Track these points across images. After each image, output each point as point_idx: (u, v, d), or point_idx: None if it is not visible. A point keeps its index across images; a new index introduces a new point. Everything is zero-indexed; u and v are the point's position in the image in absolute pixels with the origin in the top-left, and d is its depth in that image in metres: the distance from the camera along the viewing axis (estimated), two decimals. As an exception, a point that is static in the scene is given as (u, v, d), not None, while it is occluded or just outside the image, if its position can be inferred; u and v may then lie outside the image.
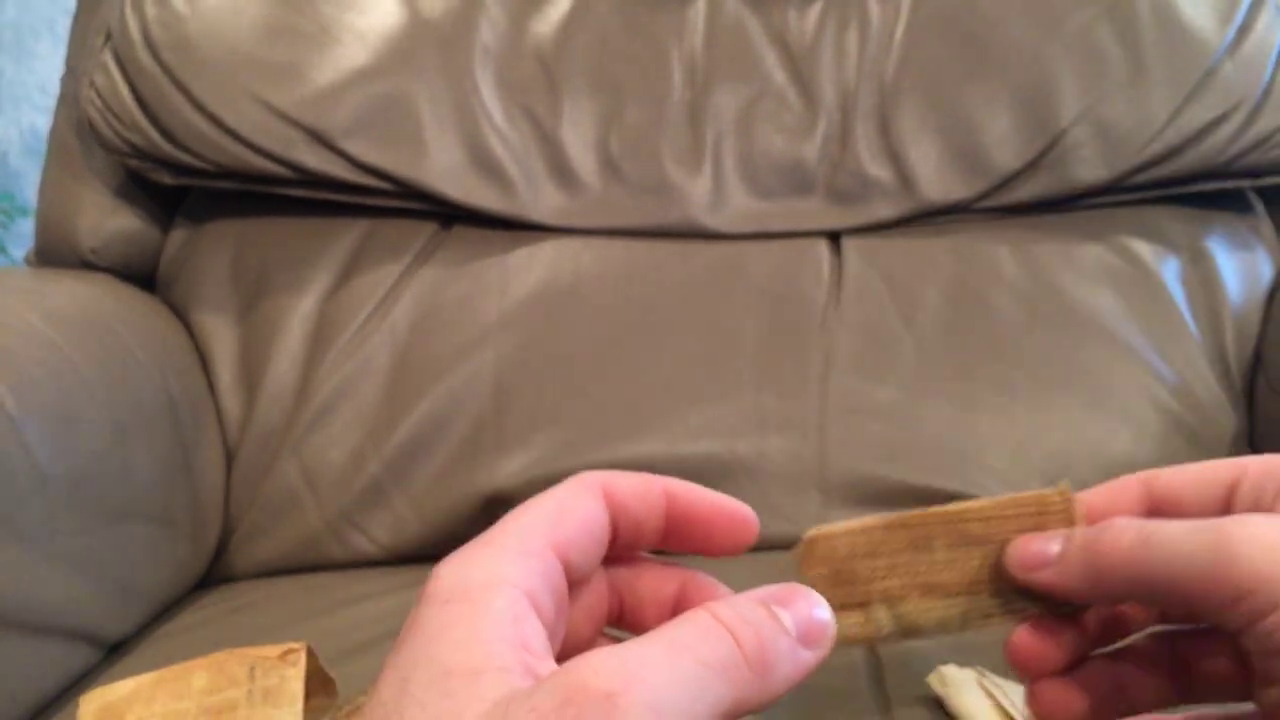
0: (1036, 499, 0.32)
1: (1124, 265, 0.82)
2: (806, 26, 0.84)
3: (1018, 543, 0.32)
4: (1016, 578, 0.31)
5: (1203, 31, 0.81)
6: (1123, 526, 0.30)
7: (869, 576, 0.32)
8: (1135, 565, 0.29)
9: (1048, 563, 0.31)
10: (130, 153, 0.80)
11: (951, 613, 0.32)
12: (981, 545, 0.32)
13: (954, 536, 0.32)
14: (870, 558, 0.32)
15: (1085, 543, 0.30)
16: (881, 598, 0.32)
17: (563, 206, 0.82)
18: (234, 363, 0.81)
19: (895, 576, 0.32)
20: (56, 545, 0.58)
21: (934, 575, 0.32)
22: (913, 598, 0.32)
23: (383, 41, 0.80)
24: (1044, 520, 0.32)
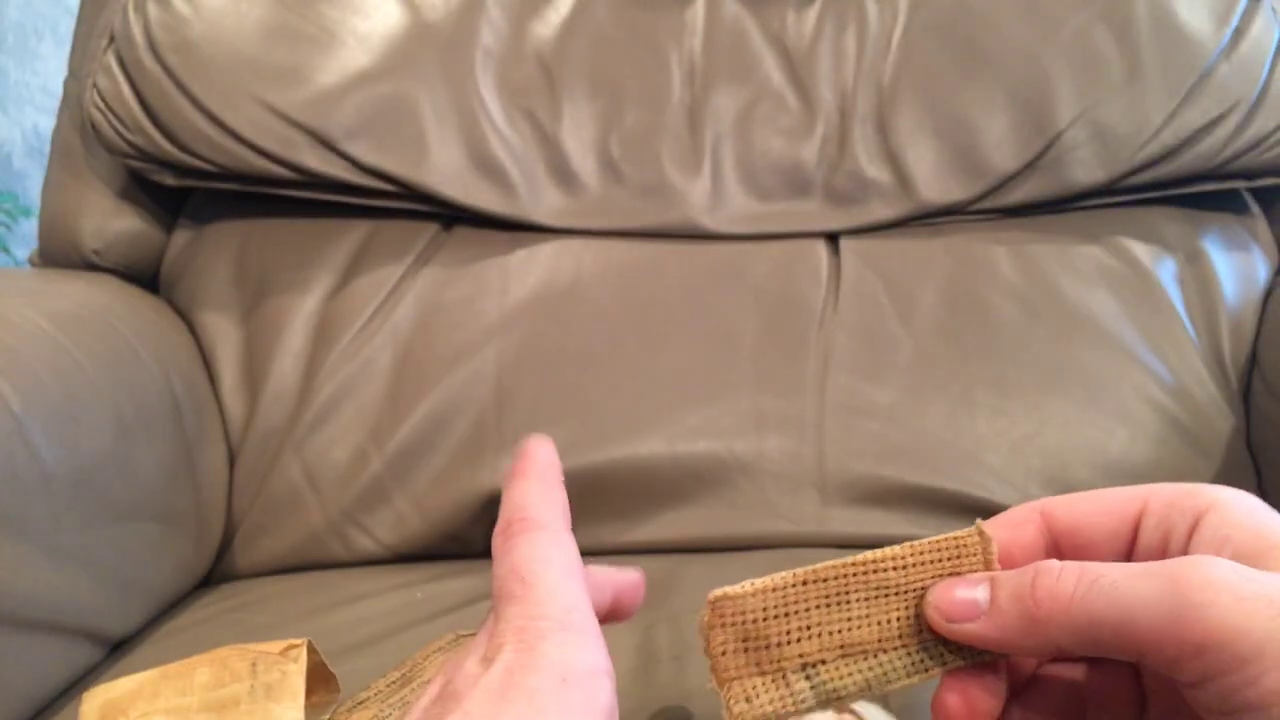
0: (953, 542, 0.31)
1: (1121, 266, 0.82)
2: (805, 28, 0.85)
3: (939, 591, 0.30)
4: (942, 629, 0.30)
5: (1199, 33, 0.81)
6: (1060, 571, 0.28)
7: (782, 640, 0.30)
8: (1080, 614, 0.27)
9: (975, 614, 0.29)
10: (133, 154, 0.81)
11: (874, 673, 0.30)
12: (899, 595, 0.30)
13: (870, 588, 0.30)
14: (783, 618, 0.30)
15: (1017, 591, 0.28)
16: (798, 664, 0.30)
17: (563, 208, 0.82)
18: (237, 362, 0.81)
19: (811, 638, 0.30)
20: (60, 543, 0.58)
21: (852, 633, 0.30)
22: (831, 661, 0.30)
23: (384, 44, 0.80)
24: (960, 564, 0.30)
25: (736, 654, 0.30)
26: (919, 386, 0.77)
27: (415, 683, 0.50)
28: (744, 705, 0.29)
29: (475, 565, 0.73)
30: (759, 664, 0.30)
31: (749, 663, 0.29)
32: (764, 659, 0.30)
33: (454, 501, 0.75)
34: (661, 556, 0.72)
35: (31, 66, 1.99)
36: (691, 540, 0.73)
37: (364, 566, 0.75)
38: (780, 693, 0.29)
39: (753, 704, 0.29)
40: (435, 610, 0.63)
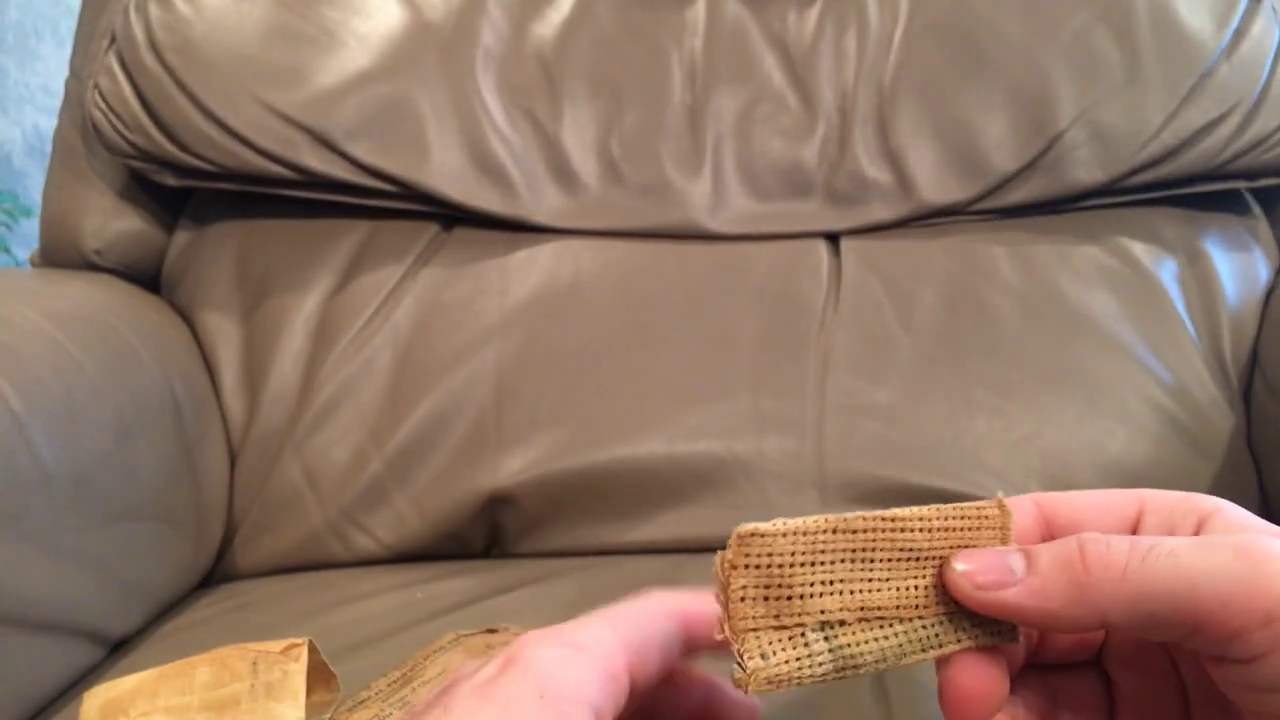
0: (975, 511, 0.29)
1: (1121, 266, 0.82)
2: (805, 29, 0.85)
3: (967, 558, 0.28)
4: (969, 597, 0.28)
5: (1199, 34, 0.81)
6: (1109, 540, 0.27)
7: (805, 591, 0.28)
8: (1137, 582, 0.26)
9: (1011, 580, 0.28)
10: (134, 154, 0.81)
11: (891, 644, 0.28)
12: (920, 561, 0.29)
13: (894, 548, 0.29)
14: (809, 566, 0.28)
15: (1063, 557, 0.27)
16: (818, 622, 0.28)
17: (563, 208, 0.83)
18: (237, 363, 0.81)
19: (833, 594, 0.28)
20: (61, 544, 0.58)
21: (873, 595, 0.28)
22: (852, 623, 0.28)
23: (385, 44, 0.81)
24: (978, 535, 0.29)
25: (756, 602, 0.27)
26: (919, 387, 0.77)
27: (415, 683, 0.50)
28: (759, 661, 0.27)
29: (475, 565, 0.73)
30: (778, 616, 0.28)
31: (768, 613, 0.27)
32: (784, 611, 0.28)
33: (454, 501, 0.75)
34: (661, 556, 0.72)
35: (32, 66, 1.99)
36: (691, 540, 0.73)
37: (364, 566, 0.75)
38: (798, 652, 0.27)
39: (768, 661, 0.27)
40: (435, 610, 0.63)
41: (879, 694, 0.51)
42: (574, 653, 0.26)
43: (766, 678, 0.27)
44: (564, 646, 0.26)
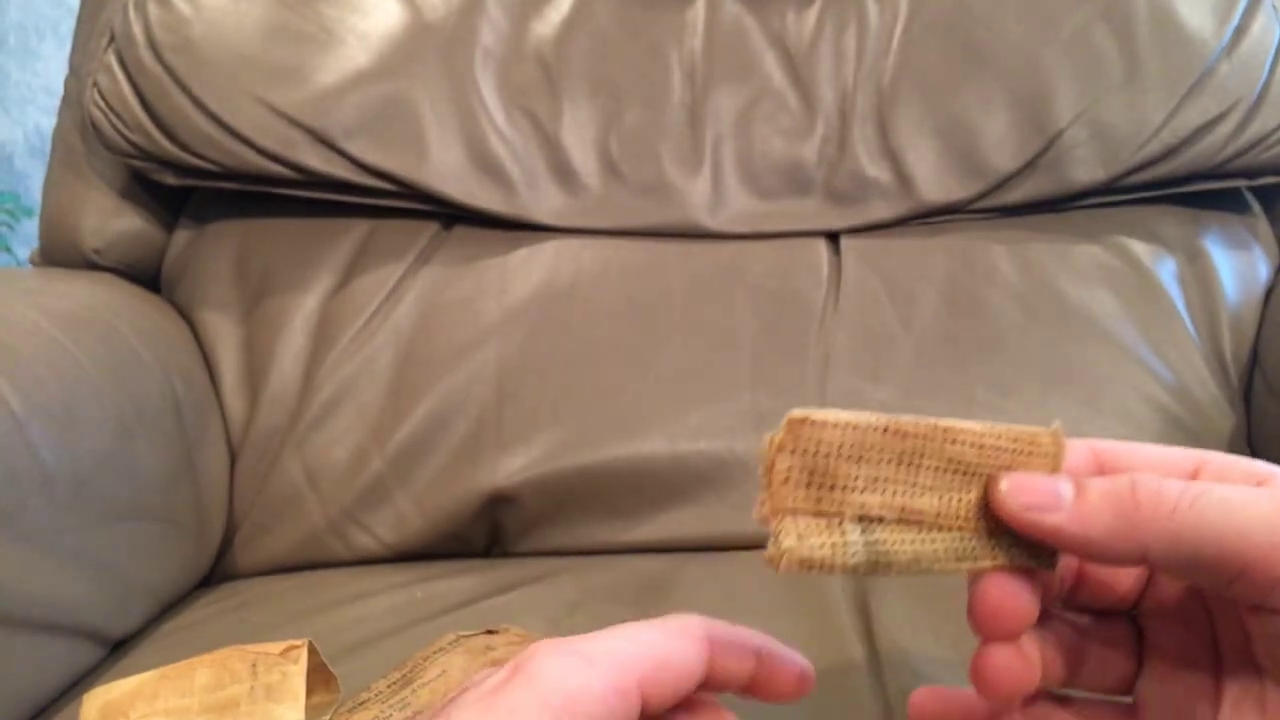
0: (1029, 435, 0.29)
1: (1121, 265, 0.82)
2: (805, 28, 0.85)
3: (1017, 476, 0.29)
4: (1013, 516, 0.29)
5: (1199, 32, 0.81)
6: (1162, 481, 0.27)
7: (848, 484, 0.28)
8: (1186, 523, 0.26)
9: (1057, 505, 0.28)
10: (134, 154, 0.81)
11: (926, 549, 0.29)
12: (967, 475, 0.29)
13: (944, 457, 0.29)
14: (855, 461, 0.28)
15: (1113, 491, 0.28)
16: (857, 514, 0.28)
17: (563, 207, 0.82)
18: (237, 362, 0.81)
19: (876, 492, 0.28)
20: (60, 543, 0.58)
21: (916, 500, 0.29)
22: (890, 523, 0.29)
23: (384, 43, 0.81)
24: (1030, 461, 0.29)
25: (798, 486, 0.28)
26: (919, 386, 0.77)
27: (415, 683, 0.50)
28: (793, 542, 0.28)
29: (475, 564, 0.73)
30: (819, 502, 0.28)
31: (809, 499, 0.28)
32: (825, 499, 0.28)
33: (454, 500, 0.75)
34: (661, 556, 0.72)
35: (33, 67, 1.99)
36: (691, 540, 0.73)
37: (364, 566, 0.75)
38: (833, 539, 0.28)
39: (803, 543, 0.28)
40: (435, 610, 0.63)
41: (879, 694, 0.51)
42: (582, 664, 0.26)
43: (799, 558, 0.28)
44: (573, 656, 0.26)
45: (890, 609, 0.58)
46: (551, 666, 0.26)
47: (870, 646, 0.55)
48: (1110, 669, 0.32)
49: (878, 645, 0.55)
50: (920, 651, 0.53)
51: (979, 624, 0.29)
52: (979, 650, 0.30)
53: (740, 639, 0.29)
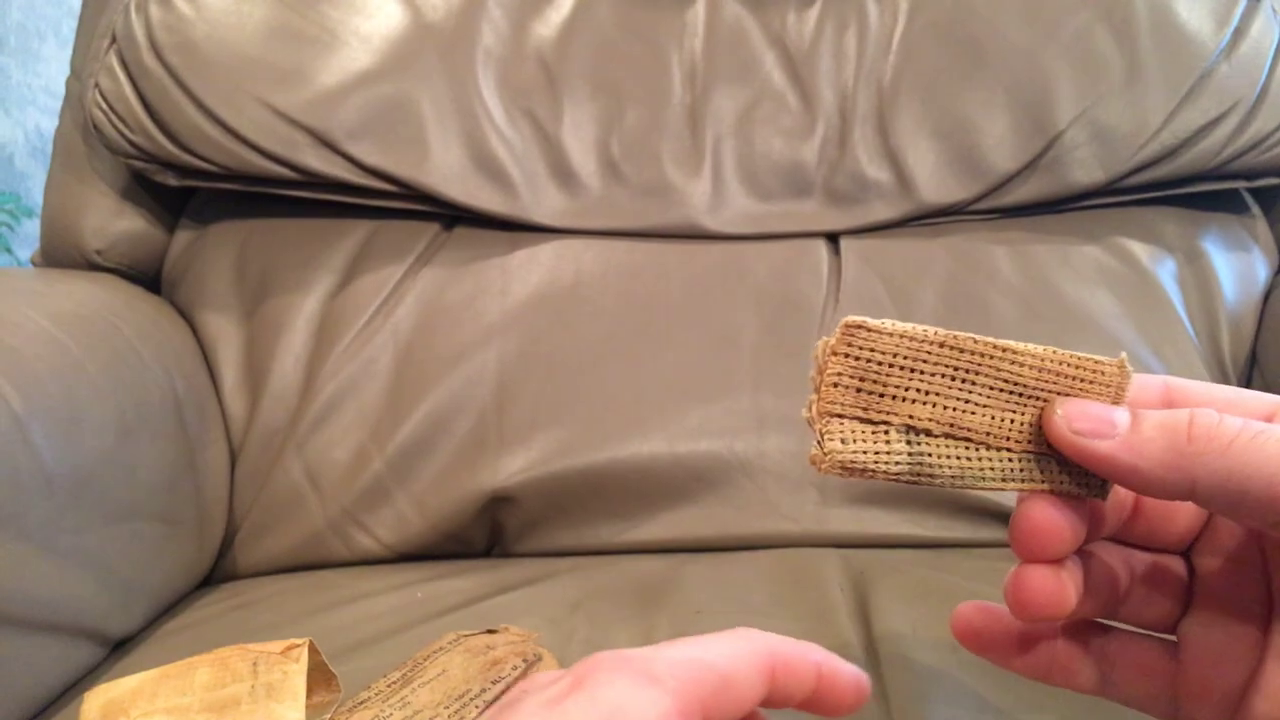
0: (1092, 364, 0.29)
1: (1120, 266, 0.82)
2: (805, 29, 0.85)
3: (1073, 402, 0.29)
4: (1064, 440, 0.28)
5: (1199, 34, 0.81)
6: (1221, 417, 0.27)
7: (899, 394, 0.28)
8: (1237, 459, 0.26)
9: (1110, 433, 0.28)
10: (135, 154, 0.81)
11: (972, 465, 0.29)
12: (1023, 397, 0.29)
13: (1000, 377, 0.29)
14: (908, 372, 0.28)
15: (1169, 423, 0.27)
16: (904, 424, 0.29)
17: (564, 208, 0.83)
18: (238, 362, 0.81)
19: (927, 404, 0.28)
20: (61, 543, 0.58)
21: (967, 416, 0.29)
22: (938, 436, 0.29)
23: (386, 44, 0.81)
24: (1090, 388, 0.29)
25: (848, 390, 0.28)
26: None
27: (415, 682, 0.50)
28: (837, 445, 0.28)
29: (476, 565, 0.73)
30: (866, 409, 0.28)
31: (857, 404, 0.28)
32: (873, 406, 0.28)
33: (455, 501, 0.75)
34: (662, 556, 0.72)
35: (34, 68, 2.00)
36: (692, 540, 0.73)
37: (365, 566, 0.75)
38: (877, 446, 0.28)
39: (846, 446, 0.28)
40: (435, 610, 0.63)
41: (879, 693, 0.51)
42: (646, 683, 0.25)
43: (841, 461, 0.28)
44: (637, 675, 0.25)
45: (890, 609, 0.58)
46: (616, 685, 0.25)
47: (870, 646, 0.55)
48: (1155, 607, 0.32)
49: (877, 645, 0.55)
50: (920, 651, 0.53)
51: (1017, 543, 0.29)
52: (1016, 569, 0.30)
53: (803, 656, 0.29)
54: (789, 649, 0.28)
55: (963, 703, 0.48)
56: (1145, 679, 0.32)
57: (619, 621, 0.59)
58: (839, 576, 0.63)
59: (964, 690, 0.49)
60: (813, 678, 0.29)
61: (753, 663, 0.27)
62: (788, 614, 0.59)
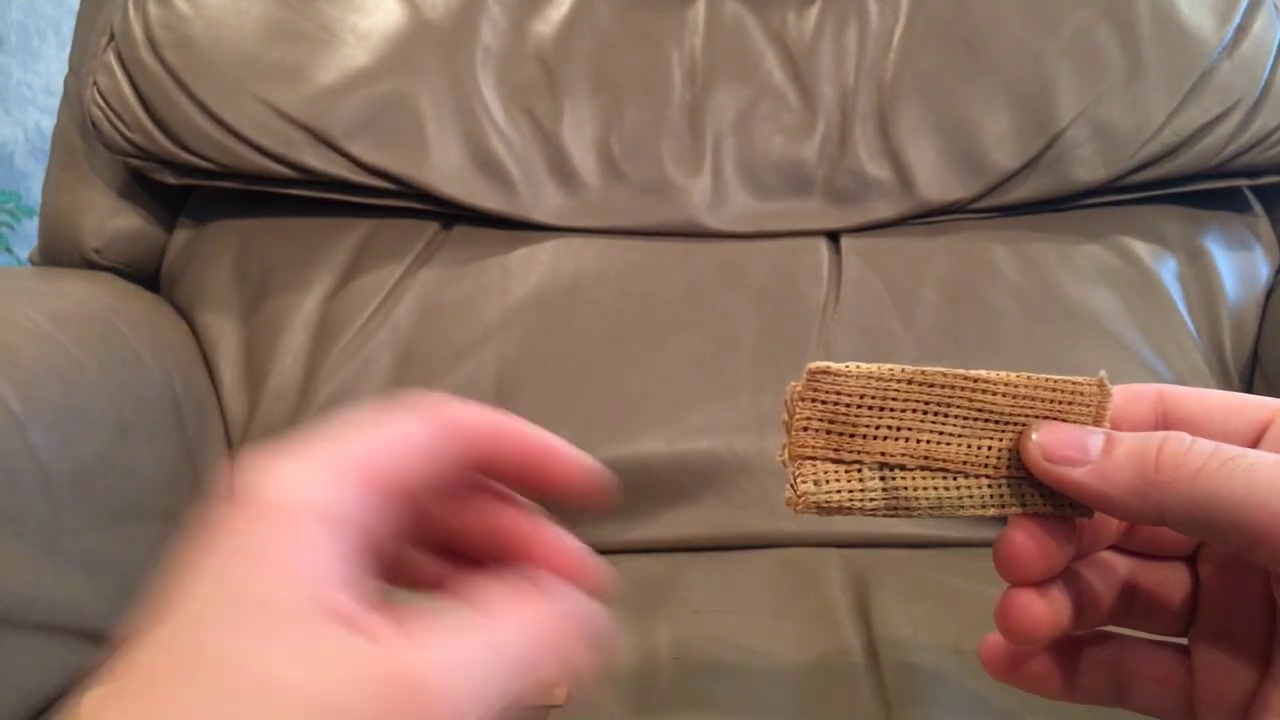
0: (1070, 385, 0.29)
1: (1122, 264, 0.82)
2: (806, 27, 0.85)
3: (1047, 428, 0.28)
4: (1038, 468, 0.28)
5: (1201, 31, 0.81)
6: (1191, 443, 0.27)
7: (870, 432, 0.29)
8: (1205, 489, 0.26)
9: (1083, 460, 0.28)
10: (133, 153, 0.81)
11: (949, 494, 0.29)
12: (999, 424, 0.29)
13: (974, 408, 0.29)
14: (877, 411, 0.28)
15: (1138, 450, 0.27)
16: (877, 461, 0.29)
17: (563, 206, 0.82)
18: (237, 362, 0.81)
19: (899, 439, 0.29)
20: (60, 544, 0.58)
21: (940, 448, 0.29)
22: (912, 469, 0.29)
23: (385, 42, 0.81)
24: (1070, 411, 0.29)
25: (818, 433, 0.28)
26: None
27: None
28: (810, 487, 0.29)
29: (476, 564, 0.73)
30: (837, 449, 0.29)
31: (828, 445, 0.28)
32: (844, 446, 0.29)
33: (454, 500, 0.75)
34: (662, 556, 0.72)
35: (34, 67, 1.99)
36: (692, 539, 0.73)
37: (364, 566, 0.75)
38: (851, 485, 0.29)
39: (820, 488, 0.28)
40: (435, 610, 0.63)
41: (879, 694, 0.51)
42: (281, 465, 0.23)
43: (815, 502, 0.29)
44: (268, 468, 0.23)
45: (890, 609, 0.58)
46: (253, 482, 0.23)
47: (870, 647, 0.55)
48: (1160, 615, 0.32)
49: (877, 645, 0.55)
50: (921, 652, 0.53)
51: (1000, 568, 0.30)
52: (1005, 592, 0.30)
53: (504, 423, 0.28)
54: (476, 416, 0.27)
55: (963, 704, 0.48)
56: (1162, 690, 0.32)
57: (618, 621, 0.59)
58: (839, 576, 0.63)
59: (965, 691, 0.49)
60: (515, 444, 0.29)
61: (418, 425, 0.26)
62: (788, 614, 0.59)
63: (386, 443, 0.25)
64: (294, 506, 0.22)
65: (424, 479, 0.26)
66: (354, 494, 0.23)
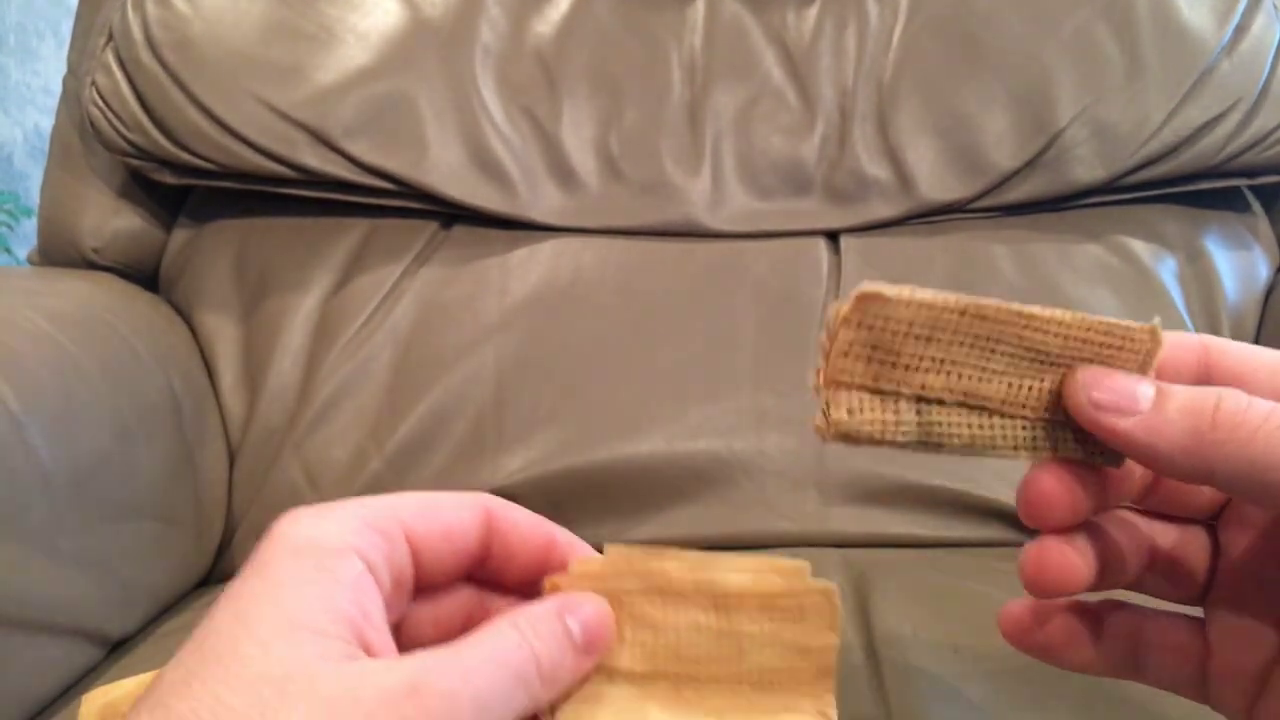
0: (1122, 329, 0.27)
1: (1121, 264, 0.82)
2: (805, 27, 0.85)
3: (1096, 373, 0.27)
4: (1084, 414, 0.27)
5: (1200, 31, 0.81)
6: (1250, 401, 0.25)
7: (912, 364, 0.27)
8: (1261, 449, 0.25)
9: (1132, 409, 0.26)
10: (132, 152, 0.81)
11: (984, 433, 0.28)
12: (1045, 364, 0.28)
13: (1022, 345, 0.27)
14: (924, 341, 0.27)
15: (1194, 405, 0.26)
16: (915, 394, 0.27)
17: (563, 206, 0.82)
18: (236, 361, 0.81)
19: (941, 374, 0.27)
20: (59, 544, 0.58)
21: (982, 385, 0.27)
22: (950, 405, 0.28)
23: (384, 42, 0.80)
24: (1119, 356, 0.28)
25: (858, 359, 0.27)
26: (919, 385, 0.77)
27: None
28: (843, 415, 0.27)
29: (475, 564, 0.73)
30: (876, 379, 0.27)
31: (867, 374, 0.27)
32: (884, 376, 0.27)
33: (454, 500, 0.75)
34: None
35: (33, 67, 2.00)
36: (691, 539, 0.73)
37: (364, 566, 0.75)
38: (886, 416, 0.27)
39: (853, 417, 0.27)
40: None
41: (879, 694, 0.51)
42: (323, 511, 0.27)
43: (846, 431, 0.28)
44: (311, 513, 0.27)
45: (891, 609, 0.58)
46: (293, 526, 0.26)
47: (870, 646, 0.55)
48: (1178, 580, 0.31)
49: (877, 645, 0.55)
50: (921, 652, 0.53)
51: (1025, 510, 0.29)
52: (1032, 543, 0.29)
53: (532, 517, 0.29)
54: (511, 508, 0.29)
55: (963, 704, 0.48)
56: (1178, 661, 0.31)
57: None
58: (839, 576, 0.63)
59: (964, 692, 0.49)
60: (543, 538, 0.29)
61: (461, 505, 0.28)
62: (788, 614, 0.59)
63: (429, 505, 0.28)
64: (339, 547, 0.25)
65: (458, 554, 0.28)
66: (382, 542, 0.26)
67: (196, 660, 0.23)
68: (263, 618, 0.23)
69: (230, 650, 0.23)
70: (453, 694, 0.23)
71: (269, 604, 0.24)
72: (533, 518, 0.29)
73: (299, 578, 0.24)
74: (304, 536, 0.25)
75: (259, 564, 0.25)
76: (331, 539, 0.25)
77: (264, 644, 0.22)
